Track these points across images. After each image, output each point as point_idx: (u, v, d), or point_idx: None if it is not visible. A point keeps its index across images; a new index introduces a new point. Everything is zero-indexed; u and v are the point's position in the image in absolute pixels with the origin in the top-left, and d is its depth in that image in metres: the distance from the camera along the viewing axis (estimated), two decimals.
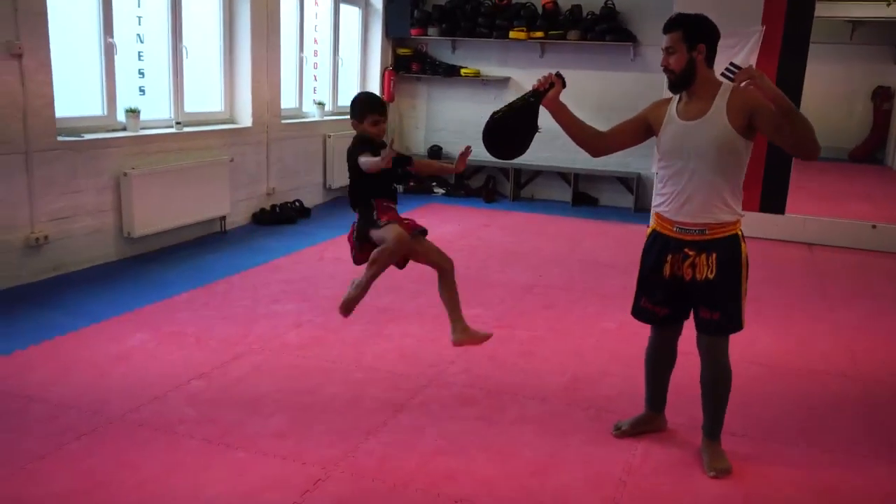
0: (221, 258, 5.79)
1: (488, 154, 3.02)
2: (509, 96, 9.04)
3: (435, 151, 9.30)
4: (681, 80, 2.80)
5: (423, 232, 3.47)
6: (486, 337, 3.54)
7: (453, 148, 9.34)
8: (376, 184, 3.39)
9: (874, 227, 6.99)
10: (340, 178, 8.35)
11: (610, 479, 2.86)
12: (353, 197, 3.45)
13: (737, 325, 2.87)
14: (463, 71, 9.10)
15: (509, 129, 2.95)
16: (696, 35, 2.75)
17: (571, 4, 8.61)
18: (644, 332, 3.22)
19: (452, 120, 9.39)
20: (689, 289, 2.88)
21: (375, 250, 3.34)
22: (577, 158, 8.77)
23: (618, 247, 6.87)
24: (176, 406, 3.28)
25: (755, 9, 6.91)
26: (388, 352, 4.04)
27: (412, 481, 2.78)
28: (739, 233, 2.85)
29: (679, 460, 3.03)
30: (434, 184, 9.20)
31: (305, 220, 7.34)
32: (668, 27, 2.79)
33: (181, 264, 5.55)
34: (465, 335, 3.48)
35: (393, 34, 9.29)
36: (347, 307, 3.51)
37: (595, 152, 3.08)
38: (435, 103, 9.49)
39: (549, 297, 5.15)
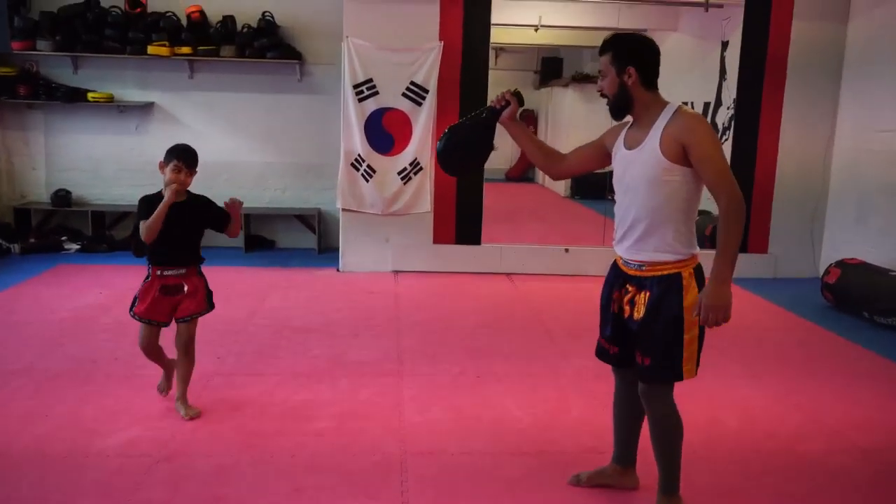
0: None
1: None
2: (154, 126, 7.47)
3: (62, 197, 7.30)
4: (616, 106, 2.61)
5: (185, 319, 3.42)
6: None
7: (87, 191, 7.44)
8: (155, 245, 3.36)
9: (567, 250, 6.80)
10: None
11: None
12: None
13: (670, 374, 2.59)
14: (90, 95, 7.25)
15: (462, 144, 2.82)
16: (624, 57, 2.55)
17: (223, 15, 7.28)
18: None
19: (83, 157, 7.46)
20: (629, 327, 2.67)
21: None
22: (247, 195, 7.46)
23: (310, 301, 5.74)
24: None
25: (431, 25, 6.37)
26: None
27: None
28: (686, 273, 2.56)
29: None
30: (64, 238, 7.22)
31: None
32: (600, 50, 2.61)
33: None
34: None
35: None
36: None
37: (555, 175, 2.98)
38: (56, 136, 7.47)
39: (235, 388, 3.83)
